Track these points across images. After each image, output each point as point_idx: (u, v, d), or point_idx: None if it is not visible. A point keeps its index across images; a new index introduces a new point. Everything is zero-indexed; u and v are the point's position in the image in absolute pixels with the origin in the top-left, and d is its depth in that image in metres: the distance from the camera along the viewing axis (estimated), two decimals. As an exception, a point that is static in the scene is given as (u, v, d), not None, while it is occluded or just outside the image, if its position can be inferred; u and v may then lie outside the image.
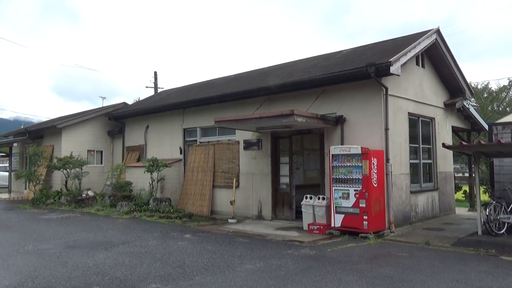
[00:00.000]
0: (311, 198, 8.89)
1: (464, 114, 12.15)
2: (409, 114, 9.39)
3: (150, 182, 11.98)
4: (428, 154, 10.49)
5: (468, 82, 11.80)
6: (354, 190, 7.83)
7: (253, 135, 10.81)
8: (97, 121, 16.26)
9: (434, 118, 10.56)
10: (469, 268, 5.48)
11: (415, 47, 9.03)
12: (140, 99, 26.98)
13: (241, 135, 11.06)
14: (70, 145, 15.54)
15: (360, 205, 7.74)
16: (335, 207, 8.09)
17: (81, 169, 14.36)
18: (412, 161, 9.49)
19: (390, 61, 7.99)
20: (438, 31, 9.96)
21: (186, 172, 12.43)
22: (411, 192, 9.23)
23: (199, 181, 11.90)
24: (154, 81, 26.89)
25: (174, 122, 13.43)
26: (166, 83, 63.32)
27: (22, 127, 24.14)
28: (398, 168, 8.77)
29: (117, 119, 15.74)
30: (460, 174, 24.62)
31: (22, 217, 10.86)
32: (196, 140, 12.72)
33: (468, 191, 13.79)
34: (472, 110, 12.09)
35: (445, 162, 11.07)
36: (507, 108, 24.26)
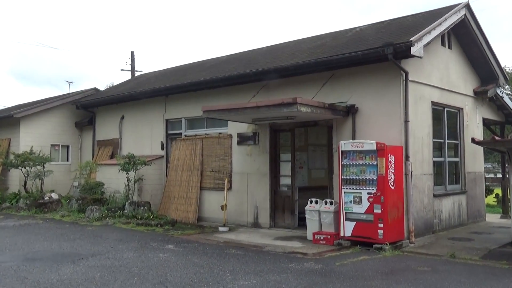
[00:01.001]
0: (316, 202, 8.92)
1: (497, 104, 12.18)
2: (433, 103, 9.40)
3: (126, 183, 11.97)
4: (455, 151, 10.52)
5: (502, 66, 11.83)
6: (368, 193, 7.86)
7: (248, 128, 10.80)
8: (63, 110, 16.17)
9: (462, 109, 10.58)
10: (501, 285, 5.51)
11: (440, 24, 9.00)
12: (114, 84, 26.91)
13: (235, 128, 11.06)
14: (30, 138, 15.42)
15: (375, 210, 7.77)
16: (345, 213, 8.12)
17: (43, 167, 14.28)
18: (436, 159, 9.51)
19: (411, 41, 7.96)
20: (467, 6, 9.94)
21: (169, 171, 12.42)
22: (435, 196, 9.25)
23: (184, 182, 11.91)
24: (130, 63, 26.83)
25: (155, 111, 13.39)
26: (146, 66, 63.02)
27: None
28: (419, 167, 8.80)
29: (86, 108, 15.67)
30: (492, 175, 24.73)
31: (-27, 224, 10.79)
32: (180, 134, 12.69)
33: (500, 194, 13.81)
34: (506, 99, 12.13)
35: (475, 160, 11.12)
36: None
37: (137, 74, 25.54)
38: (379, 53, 8.19)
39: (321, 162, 11.74)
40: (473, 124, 11.07)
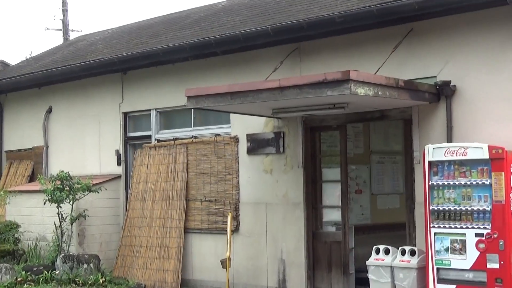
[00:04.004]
0: (387, 252, 8.97)
1: None
2: None
3: (57, 224, 12.14)
4: None
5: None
6: (476, 235, 7.87)
7: (266, 125, 10.93)
8: None
9: None
10: None
11: None
12: (35, 54, 27.15)
13: (242, 125, 11.21)
14: None
15: (489, 265, 7.75)
16: (438, 269, 8.16)
17: None
18: None
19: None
20: None
21: (131, 201, 12.58)
22: None
23: (157, 219, 12.04)
24: (61, 18, 27.02)
25: (105, 99, 13.60)
26: (88, 22, 63.16)
27: None
28: None
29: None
30: None
31: None
32: (149, 137, 12.85)
33: None
34: None
35: None
36: None
37: (73, 36, 25.67)
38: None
39: (394, 182, 11.78)
40: None
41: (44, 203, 12.21)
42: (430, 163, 8.35)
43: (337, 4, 10.29)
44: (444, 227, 8.17)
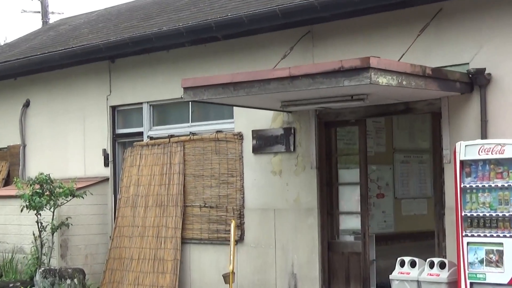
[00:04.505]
0: (413, 264, 8.92)
1: None
2: None
3: (36, 233, 12.14)
4: None
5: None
6: (515, 245, 7.87)
7: (275, 120, 10.94)
8: None
9: None
10: None
11: None
12: (9, 40, 27.21)
13: (247, 120, 11.24)
14: None
15: (530, 279, 7.75)
16: (471, 284, 8.11)
17: None
18: None
19: None
20: None
21: (120, 207, 12.60)
22: None
23: (150, 228, 12.04)
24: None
25: (90, 91, 13.61)
26: (69, 5, 63.42)
27: None
28: None
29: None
30: None
31: None
32: (141, 134, 12.88)
33: None
34: None
35: None
36: None
37: (53, 19, 25.78)
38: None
39: (420, 184, 11.78)
40: None
41: (21, 210, 12.21)
42: (462, 162, 8.30)
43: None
44: (479, 235, 8.11)
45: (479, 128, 8.97)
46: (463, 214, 8.23)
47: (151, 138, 12.72)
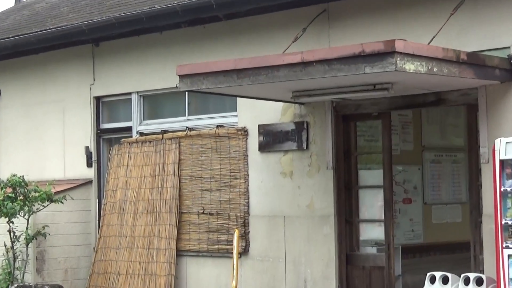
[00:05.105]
0: (445, 280, 8.92)
1: None
2: None
3: (8, 245, 12.17)
4: None
5: None
6: None
7: (284, 113, 10.94)
8: None
9: None
10: None
11: None
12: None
13: (252, 113, 11.25)
14: None
15: None
16: (514, 304, 8.11)
17: None
18: None
19: None
20: None
21: (106, 213, 12.61)
22: None
23: (140, 238, 12.04)
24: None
25: (70, 80, 13.63)
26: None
27: None
28: None
29: None
30: None
31: None
32: (130, 129, 12.91)
33: None
34: None
35: None
36: None
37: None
38: None
39: (454, 187, 11.80)
40: None
41: (-9, 218, 12.24)
42: (502, 162, 8.27)
43: None
44: (524, 247, 8.08)
45: (522, 122, 8.99)
46: (503, 222, 8.18)
47: (141, 134, 12.73)
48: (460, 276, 8.87)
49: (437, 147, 11.85)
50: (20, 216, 11.99)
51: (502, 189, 8.23)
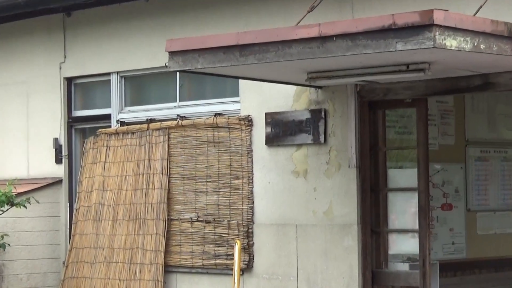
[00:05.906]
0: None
1: None
2: None
3: (-39, 257, 12.19)
4: None
5: None
6: None
7: (297, 98, 10.94)
8: None
9: None
10: None
11: None
12: None
13: (258, 98, 11.26)
14: None
15: None
16: None
17: None
18: None
19: None
20: None
21: (78, 220, 12.68)
22: None
23: (120, 250, 12.07)
24: None
25: (36, 57, 13.75)
26: None
27: None
28: None
29: None
30: None
31: None
32: (108, 117, 12.97)
33: None
34: None
35: None
36: None
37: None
38: None
39: (505, 191, 11.86)
40: None
41: None
42: None
43: None
44: None
45: None
46: None
47: (122, 123, 12.76)
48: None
49: (484, 142, 11.85)
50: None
51: None
